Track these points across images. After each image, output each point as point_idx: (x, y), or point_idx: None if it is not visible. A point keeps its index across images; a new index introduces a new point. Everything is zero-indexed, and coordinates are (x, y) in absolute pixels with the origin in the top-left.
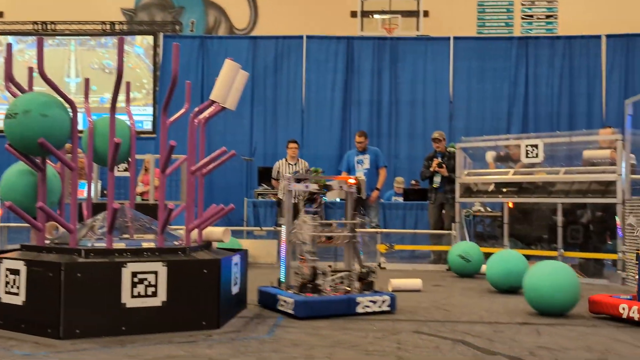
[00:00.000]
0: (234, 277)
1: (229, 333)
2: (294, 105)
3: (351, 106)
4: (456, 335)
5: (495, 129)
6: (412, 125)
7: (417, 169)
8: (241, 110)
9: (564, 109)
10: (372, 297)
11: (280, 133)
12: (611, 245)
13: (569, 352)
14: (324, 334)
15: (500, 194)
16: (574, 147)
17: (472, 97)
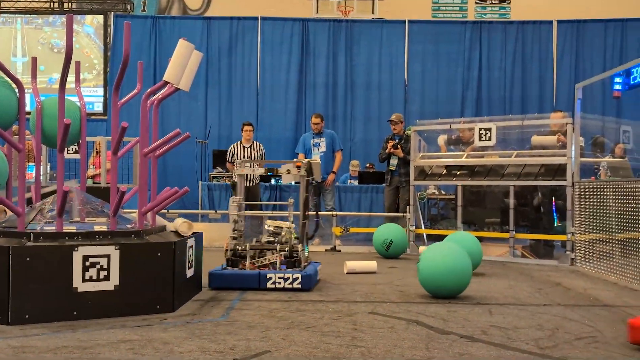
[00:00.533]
0: (188, 260)
1: (184, 316)
2: (248, 87)
3: (306, 89)
4: (411, 316)
5: (450, 112)
6: (367, 108)
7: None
8: (195, 92)
9: (517, 93)
10: (283, 274)
11: (235, 115)
12: (561, 226)
13: (520, 330)
14: (280, 316)
15: (453, 177)
16: (525, 130)
17: (426, 80)
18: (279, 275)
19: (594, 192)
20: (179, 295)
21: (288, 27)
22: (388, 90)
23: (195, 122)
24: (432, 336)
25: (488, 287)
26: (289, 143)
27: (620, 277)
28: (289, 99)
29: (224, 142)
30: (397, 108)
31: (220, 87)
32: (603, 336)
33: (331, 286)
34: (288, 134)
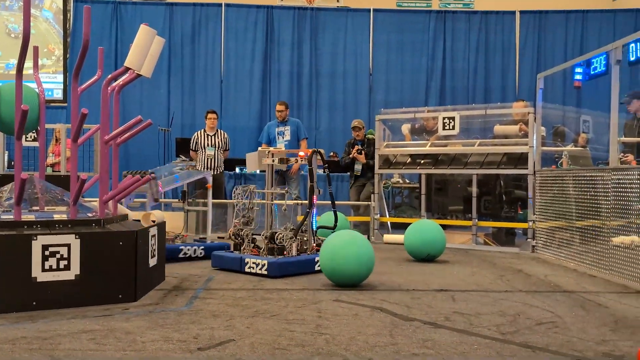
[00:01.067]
0: (151, 249)
1: (146, 306)
2: (212, 74)
3: (271, 77)
4: (375, 303)
5: (414, 101)
6: (332, 96)
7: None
8: (158, 80)
9: (480, 83)
10: (255, 260)
11: (198, 103)
12: (522, 214)
13: (483, 316)
14: (245, 304)
15: (417, 166)
16: (488, 119)
17: (391, 69)
18: (253, 261)
19: (555, 180)
20: (141, 284)
21: (252, 14)
22: (353, 78)
23: (157, 109)
24: (396, 323)
25: (451, 274)
26: (254, 132)
27: (579, 264)
28: (253, 87)
29: (187, 130)
30: (361, 97)
31: (183, 75)
32: (563, 321)
33: (298, 275)
34: (252, 123)
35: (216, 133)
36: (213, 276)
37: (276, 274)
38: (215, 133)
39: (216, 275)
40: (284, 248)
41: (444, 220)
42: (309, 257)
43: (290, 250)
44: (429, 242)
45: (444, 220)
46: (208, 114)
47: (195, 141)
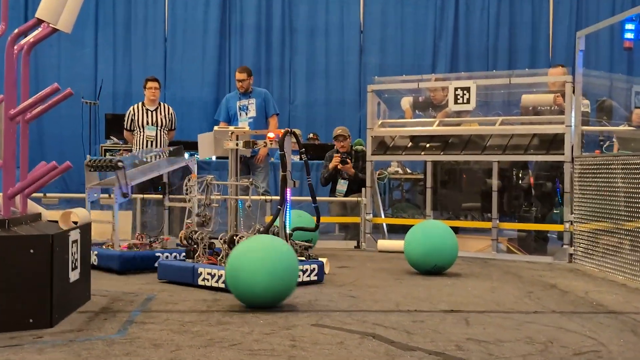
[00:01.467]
0: (72, 259)
1: (66, 333)
2: (153, 30)
3: (231, 33)
4: (366, 328)
5: (418, 67)
6: (311, 60)
7: (318, 119)
8: (81, 36)
9: (503, 43)
10: (211, 270)
11: (135, 68)
12: (557, 214)
13: (505, 345)
14: (195, 331)
15: (421, 151)
16: (513, 90)
17: (388, 25)
18: (208, 271)
19: (599, 169)
20: (59, 305)
21: None
22: (338, 37)
23: (81, 76)
24: (392, 353)
25: (464, 291)
26: (208, 106)
27: (630, 278)
28: (207, 47)
29: (121, 103)
30: (349, 60)
31: (115, 29)
32: (608, 350)
33: None
34: (206, 94)
35: (158, 107)
36: (154, 294)
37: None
38: (157, 107)
39: (159, 293)
40: None
41: (455, 222)
42: None
43: None
44: (437, 250)
45: (455, 222)
46: (147, 82)
47: (131, 118)
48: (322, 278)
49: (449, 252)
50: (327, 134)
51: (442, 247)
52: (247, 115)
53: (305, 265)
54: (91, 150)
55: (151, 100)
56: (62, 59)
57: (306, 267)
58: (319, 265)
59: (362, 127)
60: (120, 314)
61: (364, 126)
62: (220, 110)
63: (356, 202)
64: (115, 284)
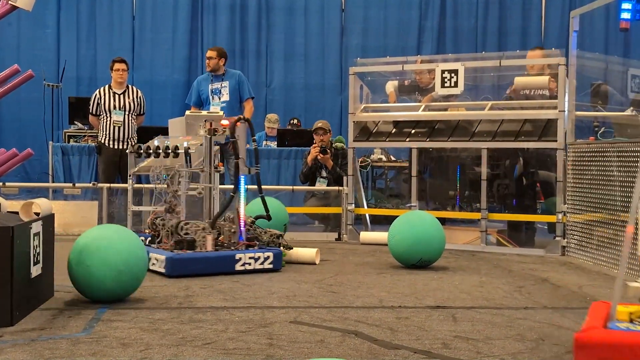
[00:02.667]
0: (34, 252)
1: (27, 332)
2: (120, 7)
3: (203, 11)
4: (347, 325)
5: (402, 48)
6: (289, 41)
7: (297, 103)
8: (42, 14)
9: (492, 23)
10: (157, 255)
11: (101, 48)
12: (546, 204)
13: (494, 342)
14: (166, 329)
15: (406, 137)
16: (504, 73)
17: (371, 4)
18: (156, 256)
19: (594, 157)
20: (19, 302)
21: None
22: (318, 16)
23: (42, 57)
24: (375, 352)
25: (451, 286)
26: (179, 89)
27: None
28: (178, 26)
29: (85, 86)
30: (330, 41)
31: (79, 8)
32: None
33: (239, 286)
34: (177, 76)
35: (126, 91)
36: None
37: (175, 272)
38: (124, 91)
39: None
40: (194, 241)
41: (442, 212)
42: (226, 253)
43: (202, 245)
44: (422, 243)
45: (442, 212)
46: (115, 63)
47: (97, 102)
48: (279, 267)
49: (435, 245)
50: (306, 119)
51: (429, 239)
52: (220, 99)
53: (258, 253)
54: (53, 136)
55: (118, 82)
56: (21, 39)
57: (259, 255)
58: (275, 253)
59: (344, 112)
60: (86, 311)
61: (346, 111)
62: (191, 94)
63: (337, 192)
64: None
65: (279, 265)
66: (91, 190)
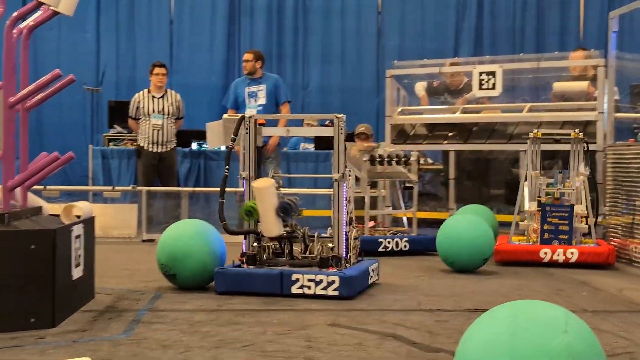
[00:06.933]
0: (75, 255)
1: (69, 333)
2: (159, 12)
3: (241, 16)
4: (385, 328)
5: (439, 50)
6: (326, 43)
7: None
8: (82, 19)
9: (530, 24)
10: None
11: (139, 53)
12: None
13: None
14: (205, 331)
15: (444, 140)
16: (542, 75)
17: (407, 5)
18: (308, 277)
19: (634, 159)
20: (61, 304)
21: None
22: (355, 18)
23: (83, 61)
24: (414, 355)
25: (490, 288)
26: (216, 93)
27: None
28: (216, 31)
29: (125, 90)
30: (367, 43)
31: (118, 13)
32: None
33: None
34: (215, 80)
35: (165, 95)
36: (160, 293)
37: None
38: (163, 95)
39: (165, 291)
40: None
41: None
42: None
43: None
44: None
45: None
46: (154, 68)
47: (137, 106)
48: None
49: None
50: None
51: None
52: (256, 102)
53: (319, 276)
54: (93, 140)
55: (158, 87)
56: (62, 43)
57: (320, 278)
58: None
59: (380, 115)
60: (126, 313)
61: (382, 113)
62: (228, 97)
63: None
64: (120, 282)
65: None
66: (130, 193)
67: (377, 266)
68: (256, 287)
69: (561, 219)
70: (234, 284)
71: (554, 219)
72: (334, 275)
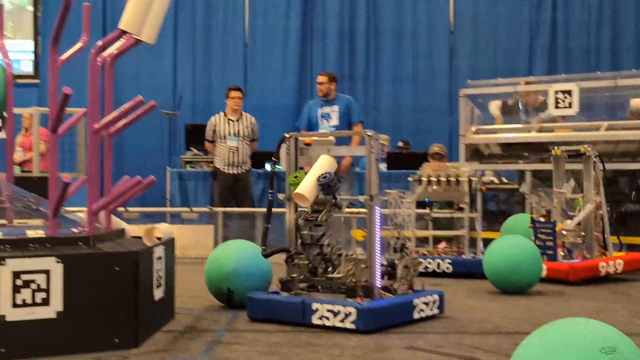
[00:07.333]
0: (156, 276)
1: (151, 353)
2: (234, 37)
3: (313, 38)
4: (463, 351)
5: (513, 68)
6: (397, 64)
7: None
8: (160, 45)
9: (605, 41)
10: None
11: (215, 77)
12: None
13: None
14: (284, 352)
15: (520, 159)
16: (619, 93)
17: (480, 24)
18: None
19: None
20: (144, 324)
21: None
22: (426, 38)
23: (160, 86)
24: None
25: (568, 311)
26: (289, 114)
27: None
28: (289, 54)
29: (201, 113)
30: (439, 63)
31: (194, 38)
32: None
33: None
34: (288, 102)
35: (240, 117)
36: (238, 313)
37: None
38: (239, 117)
39: (243, 311)
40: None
41: None
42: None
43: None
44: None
45: None
46: (231, 91)
47: (213, 129)
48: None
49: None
50: (415, 142)
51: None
52: (328, 123)
53: (336, 306)
54: (171, 162)
55: (234, 110)
56: (140, 69)
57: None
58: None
59: (453, 134)
60: (206, 333)
61: (455, 133)
62: (301, 118)
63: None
64: (198, 302)
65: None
66: (207, 214)
67: (437, 299)
68: (281, 315)
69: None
70: (263, 311)
71: (542, 235)
72: (350, 307)
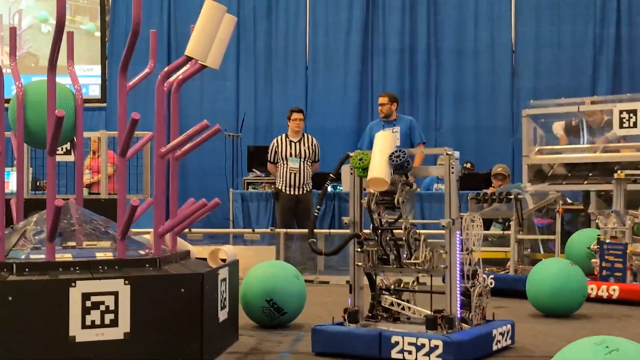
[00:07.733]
0: (221, 297)
1: None
2: (294, 59)
3: (373, 58)
4: None
5: (576, 88)
6: (459, 83)
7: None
8: (222, 69)
9: None
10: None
11: (277, 99)
12: None
13: None
14: None
15: (584, 180)
16: None
17: (542, 43)
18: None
19: None
20: (209, 345)
21: None
22: (488, 57)
23: (223, 109)
24: None
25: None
26: (351, 135)
27: None
28: (349, 74)
29: (263, 135)
30: (501, 83)
31: (256, 61)
32: None
33: None
34: (349, 123)
35: (302, 139)
36: (302, 335)
37: None
38: (300, 139)
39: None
40: None
41: None
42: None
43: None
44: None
45: None
46: (292, 113)
47: (275, 150)
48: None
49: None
50: (477, 162)
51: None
52: None
53: (420, 339)
54: (234, 183)
55: (295, 131)
56: (204, 92)
57: (422, 342)
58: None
59: (516, 154)
60: (269, 355)
61: (517, 153)
62: (363, 139)
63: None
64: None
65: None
66: (269, 235)
67: (509, 328)
68: (354, 349)
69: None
70: (331, 344)
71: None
72: (437, 340)
